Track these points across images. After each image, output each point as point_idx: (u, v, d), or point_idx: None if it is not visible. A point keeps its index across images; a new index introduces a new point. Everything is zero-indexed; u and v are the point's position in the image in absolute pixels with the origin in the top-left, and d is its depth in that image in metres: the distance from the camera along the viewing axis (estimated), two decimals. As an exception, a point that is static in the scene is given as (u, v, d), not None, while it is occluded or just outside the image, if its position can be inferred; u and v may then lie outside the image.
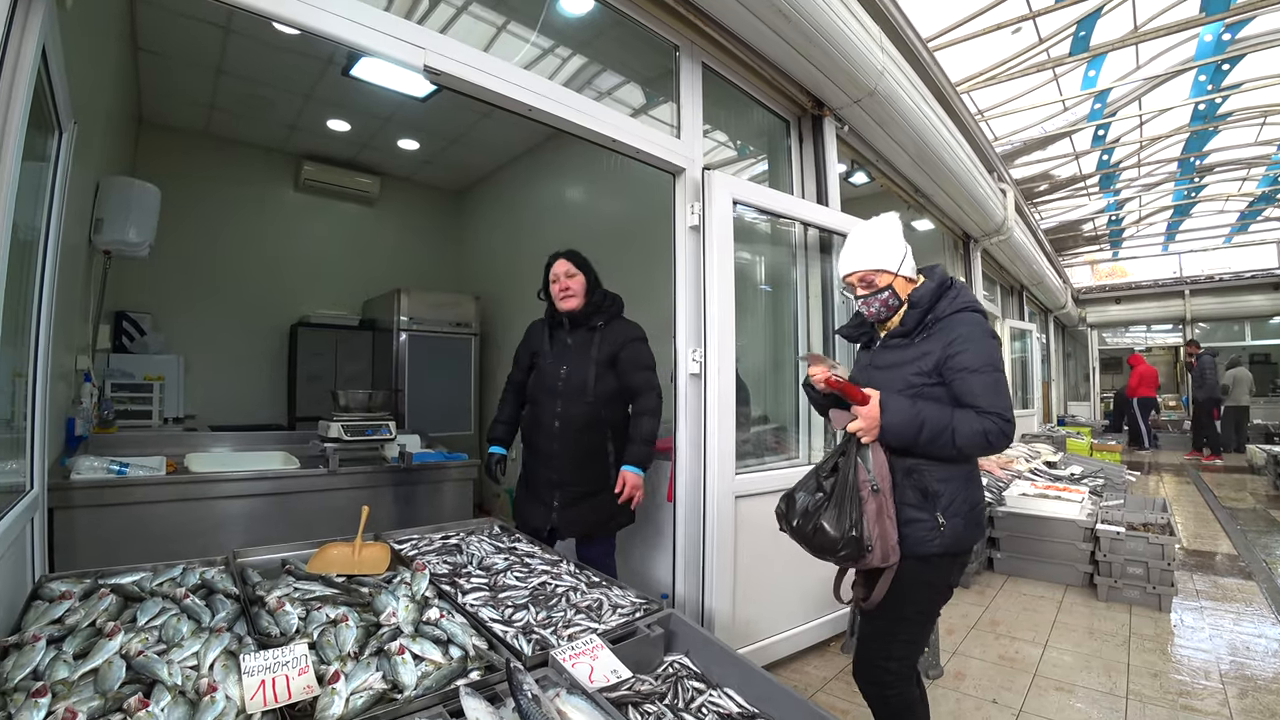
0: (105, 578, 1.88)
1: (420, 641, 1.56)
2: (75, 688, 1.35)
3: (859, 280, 2.01)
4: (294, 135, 6.07)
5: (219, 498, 2.96)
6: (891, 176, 5.06)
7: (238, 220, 6.10)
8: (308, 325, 6.12)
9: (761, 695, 1.78)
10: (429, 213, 7.37)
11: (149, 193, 4.15)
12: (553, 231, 5.93)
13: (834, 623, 3.52)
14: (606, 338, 2.95)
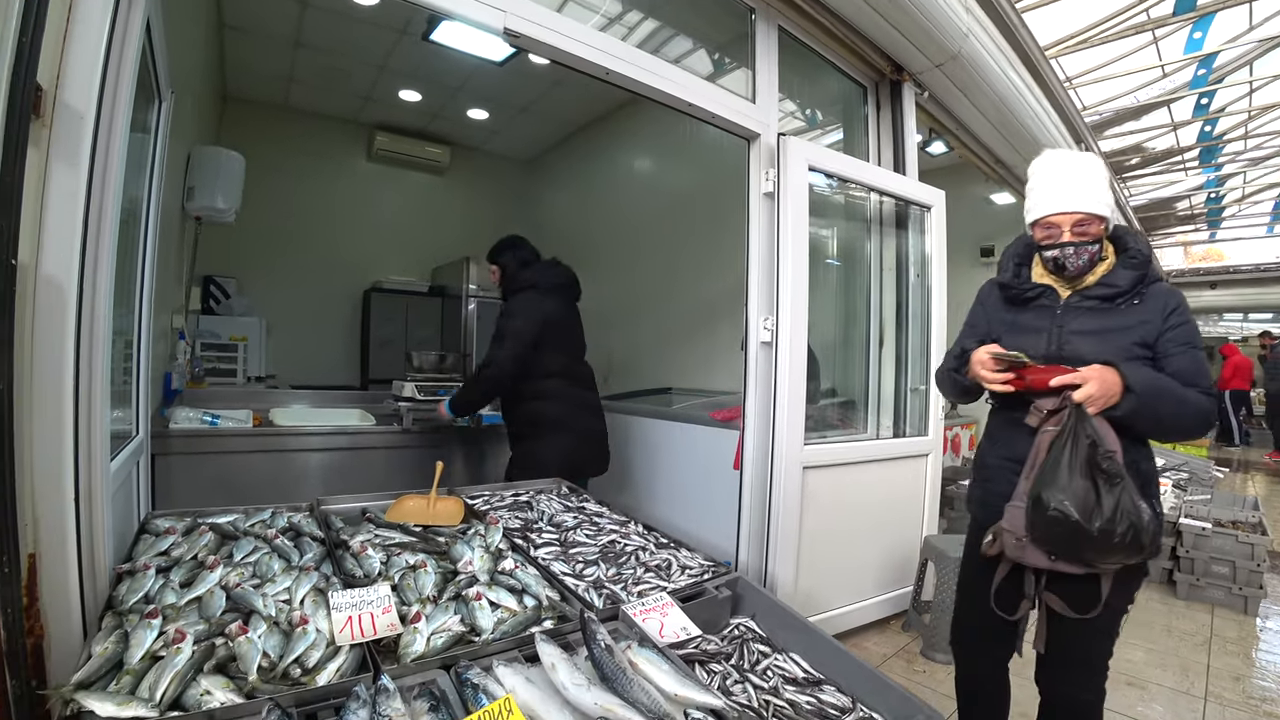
0: (203, 517, 2.00)
1: (496, 590, 1.60)
2: (182, 612, 1.44)
3: (1074, 224, 1.69)
4: (367, 106, 6.21)
5: (300, 450, 3.12)
6: (971, 146, 4.83)
7: (314, 189, 6.30)
8: (380, 291, 6.31)
9: (827, 663, 1.76)
10: (497, 182, 7.43)
11: (235, 161, 4.33)
12: (620, 201, 5.92)
13: (895, 600, 3.47)
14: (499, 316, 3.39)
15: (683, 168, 5.23)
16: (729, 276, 4.42)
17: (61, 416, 1.45)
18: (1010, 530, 1.68)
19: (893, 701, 1.60)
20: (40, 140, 1.46)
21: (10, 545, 1.30)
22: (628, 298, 5.54)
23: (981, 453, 1.95)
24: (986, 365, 1.70)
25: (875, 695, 1.64)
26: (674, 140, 5.26)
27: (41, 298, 1.44)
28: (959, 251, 3.69)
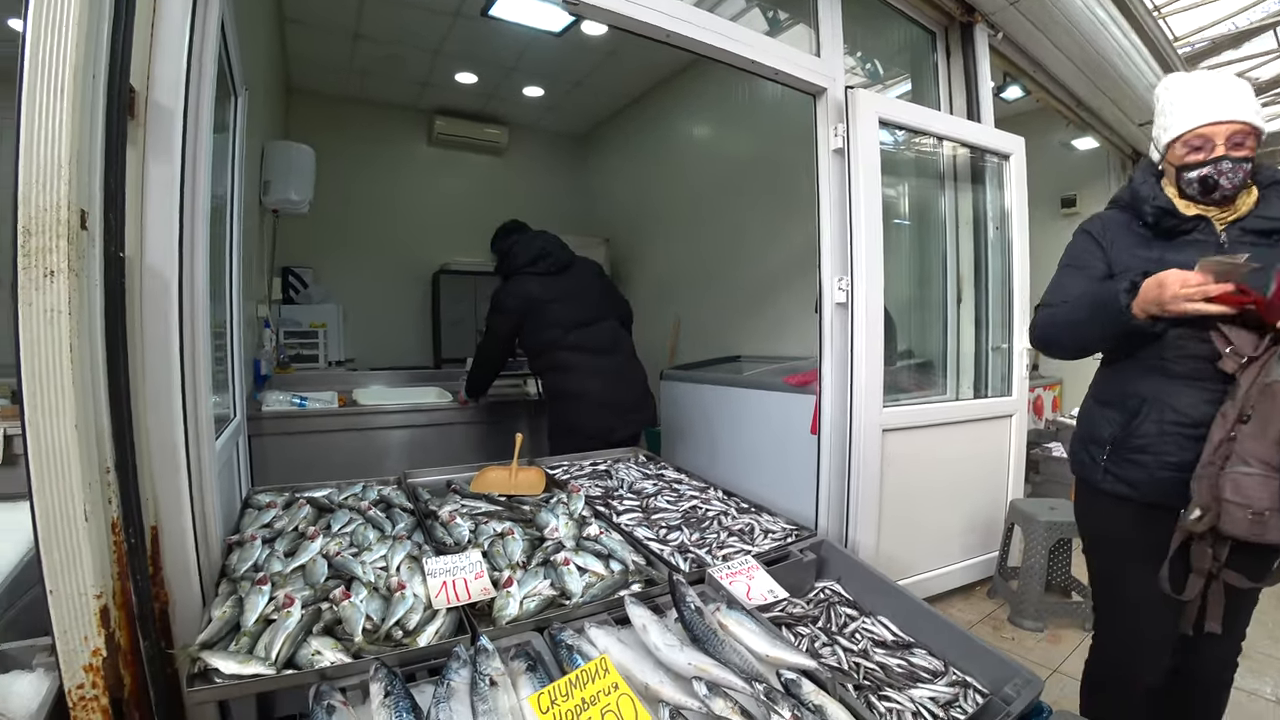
0: (299, 491, 2.11)
1: (583, 555, 1.63)
2: (289, 579, 1.53)
3: (1229, 137, 1.47)
4: (426, 91, 6.30)
5: (383, 428, 3.25)
6: (1050, 89, 4.53)
7: (379, 177, 6.46)
8: (448, 273, 6.45)
9: (917, 626, 1.73)
10: (556, 159, 7.47)
11: (305, 154, 4.48)
12: (679, 170, 5.85)
13: (981, 566, 3.37)
14: None
15: (743, 132, 5.12)
16: (796, 241, 4.32)
17: (171, 399, 1.54)
18: (1243, 503, 1.40)
19: (987, 665, 1.57)
20: (136, 139, 1.53)
21: (136, 519, 1.39)
22: (692, 267, 5.49)
23: (1119, 422, 1.65)
24: (1193, 285, 1.36)
25: (968, 659, 1.60)
26: (733, 104, 5.14)
27: (147, 288, 1.53)
28: (1038, 204, 3.49)
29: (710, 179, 5.39)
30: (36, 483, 1.23)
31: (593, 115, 7.04)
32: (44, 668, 1.36)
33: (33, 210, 1.22)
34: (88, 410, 1.28)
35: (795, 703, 1.22)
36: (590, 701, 1.09)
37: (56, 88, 1.24)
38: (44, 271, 1.22)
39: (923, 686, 1.54)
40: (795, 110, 3.53)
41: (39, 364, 1.22)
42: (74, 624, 1.27)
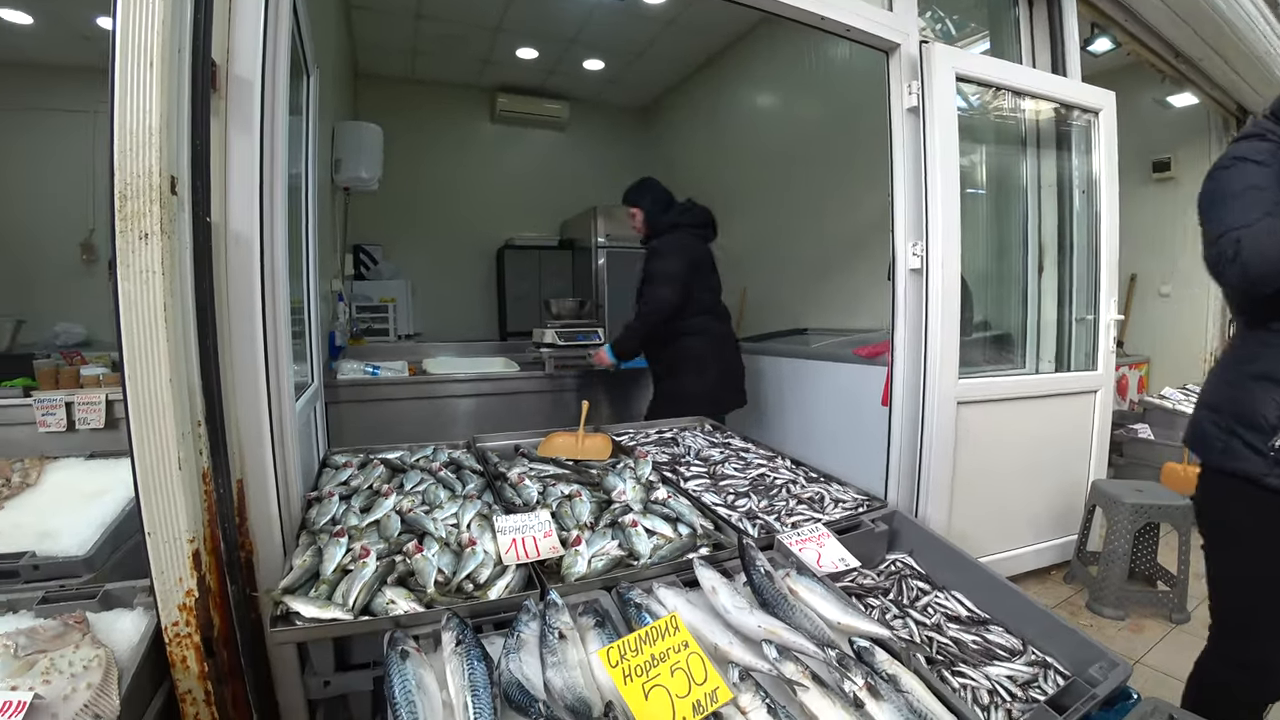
0: (373, 453, 2.18)
1: (650, 518, 1.63)
2: (364, 533, 1.58)
3: None
4: (487, 69, 6.37)
5: (452, 396, 3.35)
6: (1144, 40, 4.17)
7: (444, 156, 6.60)
8: (513, 248, 6.55)
9: (993, 604, 1.67)
10: (617, 132, 7.47)
11: (374, 132, 4.59)
12: (743, 140, 5.74)
13: (1057, 549, 3.23)
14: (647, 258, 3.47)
15: (808, 98, 4.97)
16: (865, 210, 4.19)
17: (255, 358, 1.61)
18: None
19: (1070, 647, 1.50)
20: (219, 110, 1.59)
21: (224, 470, 1.46)
22: (756, 239, 5.39)
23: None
24: None
25: (1049, 639, 1.54)
26: (797, 69, 5.00)
27: (232, 252, 1.59)
28: (1127, 169, 3.26)
29: (775, 148, 5.27)
30: (135, 433, 1.30)
31: (654, 87, 6.98)
32: (143, 607, 1.45)
33: (127, 175, 1.28)
34: (180, 366, 1.34)
35: (868, 670, 1.19)
36: (660, 658, 1.08)
37: (146, 61, 1.29)
38: (139, 234, 1.28)
39: (999, 664, 1.48)
40: (864, 72, 3.39)
41: (136, 322, 1.28)
42: (170, 565, 1.35)
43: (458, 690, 1.07)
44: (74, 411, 2.69)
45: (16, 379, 3.03)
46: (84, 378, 2.95)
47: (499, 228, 6.73)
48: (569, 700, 1.04)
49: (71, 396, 2.73)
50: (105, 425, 2.73)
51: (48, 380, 2.94)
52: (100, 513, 1.88)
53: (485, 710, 1.02)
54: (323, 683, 1.37)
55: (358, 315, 4.82)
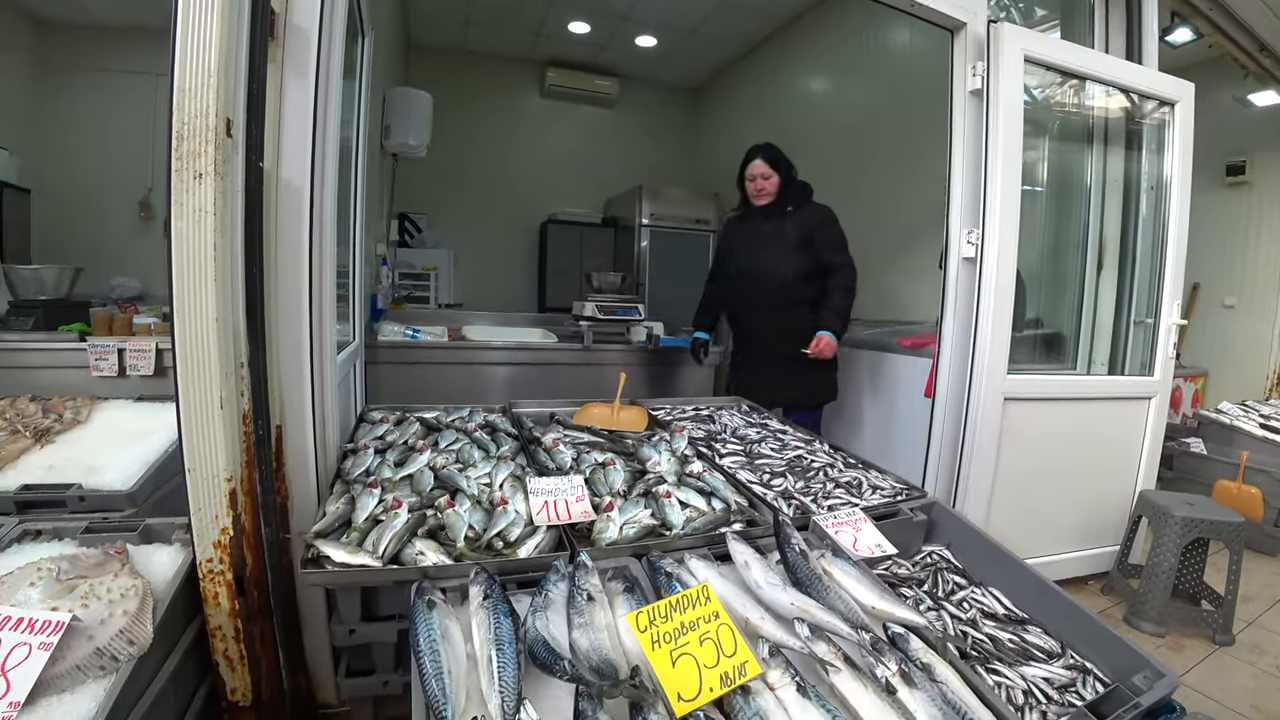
0: (410, 411, 2.19)
1: (684, 490, 1.60)
2: (397, 486, 1.59)
3: None
4: (538, 43, 6.34)
5: (489, 363, 3.38)
6: (1228, 30, 3.93)
7: (492, 128, 6.62)
8: (556, 222, 6.55)
9: (1032, 603, 1.61)
10: (667, 111, 7.39)
11: (424, 100, 4.61)
12: (794, 125, 5.61)
13: (1096, 559, 3.11)
14: (800, 220, 3.15)
15: (864, 84, 4.84)
16: (913, 202, 4.07)
17: (300, 306, 1.62)
18: None
19: (1112, 654, 1.44)
20: (275, 58, 1.60)
21: (264, 414, 1.47)
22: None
23: None
24: None
25: (1089, 644, 1.48)
26: (854, 53, 4.87)
27: (282, 199, 1.60)
28: (1199, 170, 3.08)
29: (823, 134, 5.15)
30: (181, 370, 1.32)
31: (706, 66, 6.87)
32: (180, 543, 1.48)
33: (185, 116, 1.29)
34: (226, 307, 1.35)
35: (902, 657, 1.15)
36: (689, 626, 1.06)
37: (207, 3, 1.29)
38: (194, 174, 1.29)
39: (1036, 665, 1.43)
40: (920, 58, 3.27)
41: (186, 260, 1.29)
42: (207, 502, 1.37)
43: (483, 643, 1.06)
44: (125, 358, 2.78)
45: (73, 324, 3.14)
46: (136, 326, 3.04)
47: (543, 202, 6.73)
48: (594, 661, 1.03)
49: (124, 343, 2.81)
50: (154, 373, 2.81)
51: (102, 327, 3.04)
52: (145, 451, 1.93)
53: (510, 664, 1.01)
54: (348, 631, 1.38)
55: (399, 282, 4.87)
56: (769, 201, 3.18)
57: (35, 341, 2.91)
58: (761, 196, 3.19)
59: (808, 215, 3.16)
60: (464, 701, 0.98)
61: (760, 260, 3.19)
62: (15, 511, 1.65)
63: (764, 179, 3.17)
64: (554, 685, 1.04)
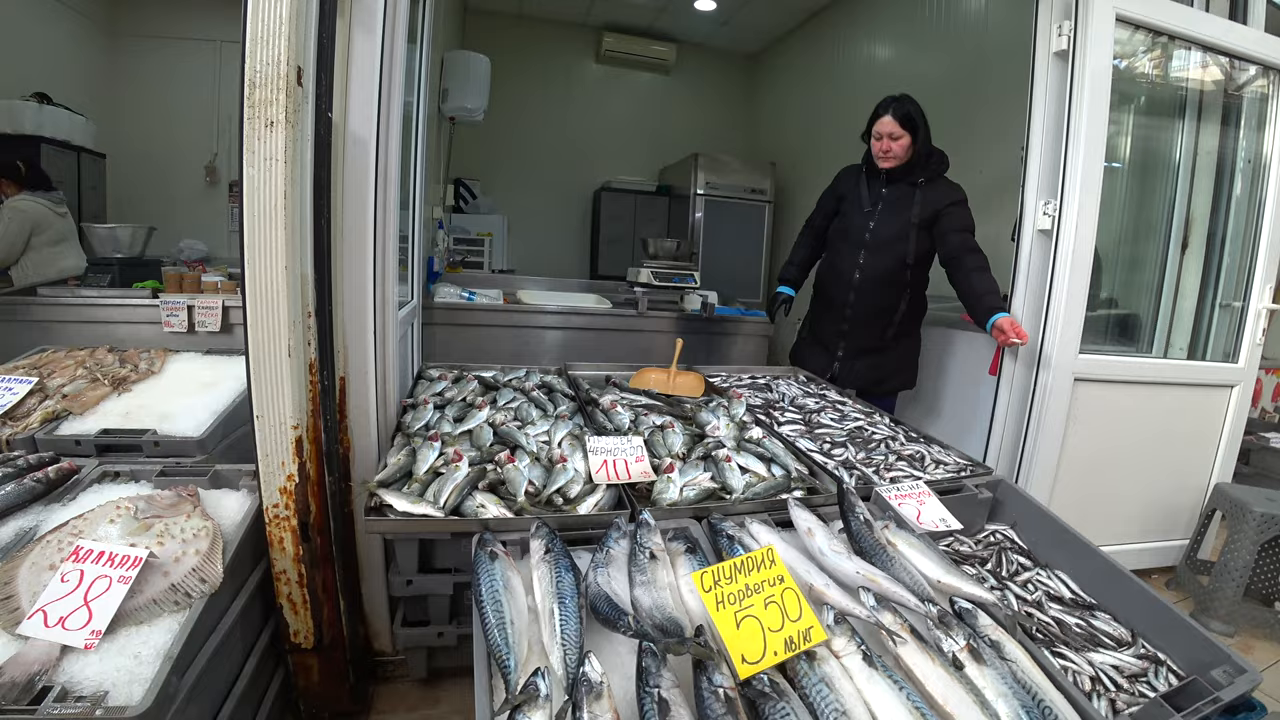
0: (467, 370, 2.20)
1: (744, 455, 1.58)
2: (457, 440, 1.60)
3: None
4: (595, 6, 6.25)
5: (544, 327, 3.40)
6: None
7: (548, 94, 6.59)
8: (609, 190, 6.51)
9: (1101, 589, 1.54)
10: (724, 79, 7.23)
11: (482, 62, 4.60)
12: (856, 93, 5.40)
13: (1164, 552, 2.98)
14: (928, 197, 2.71)
15: (933, 51, 4.63)
16: (977, 174, 3.90)
17: (364, 259, 1.63)
18: None
19: (1187, 646, 1.36)
20: (344, 10, 1.59)
21: (329, 365, 1.49)
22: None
23: None
24: None
25: (1163, 635, 1.40)
26: (915, 20, 4.67)
27: (349, 150, 1.60)
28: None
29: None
30: (251, 318, 1.34)
31: (765, 32, 6.67)
32: (247, 489, 1.53)
33: (258, 64, 1.29)
34: (295, 255, 1.36)
35: (970, 632, 1.11)
36: (754, 589, 1.04)
37: (279, -49, 1.29)
38: (265, 122, 1.30)
39: (1105, 652, 1.36)
40: (991, 24, 3.09)
41: (257, 208, 1.31)
42: (274, 449, 1.40)
43: (544, 596, 1.06)
44: (194, 314, 2.86)
45: (146, 281, 3.26)
46: (204, 284, 3.14)
47: (597, 170, 6.70)
48: (658, 619, 1.02)
49: (193, 300, 2.91)
50: (220, 329, 2.90)
51: (173, 285, 3.16)
52: (213, 401, 1.99)
53: (572, 618, 1.01)
54: (405, 581, 1.40)
55: (454, 247, 4.91)
56: (895, 165, 2.74)
57: (111, 298, 3.03)
58: (888, 159, 2.73)
59: (939, 193, 2.73)
60: (526, 652, 0.98)
61: (876, 230, 2.79)
62: (95, 454, 1.73)
63: (892, 139, 2.70)
64: (614, 641, 1.03)
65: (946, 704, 0.97)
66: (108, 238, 3.64)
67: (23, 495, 1.40)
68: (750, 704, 0.91)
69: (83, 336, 2.74)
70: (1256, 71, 2.83)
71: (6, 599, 1.11)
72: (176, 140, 5.49)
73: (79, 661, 1.02)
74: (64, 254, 3.56)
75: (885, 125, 2.70)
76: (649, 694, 0.87)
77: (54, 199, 3.59)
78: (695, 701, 0.89)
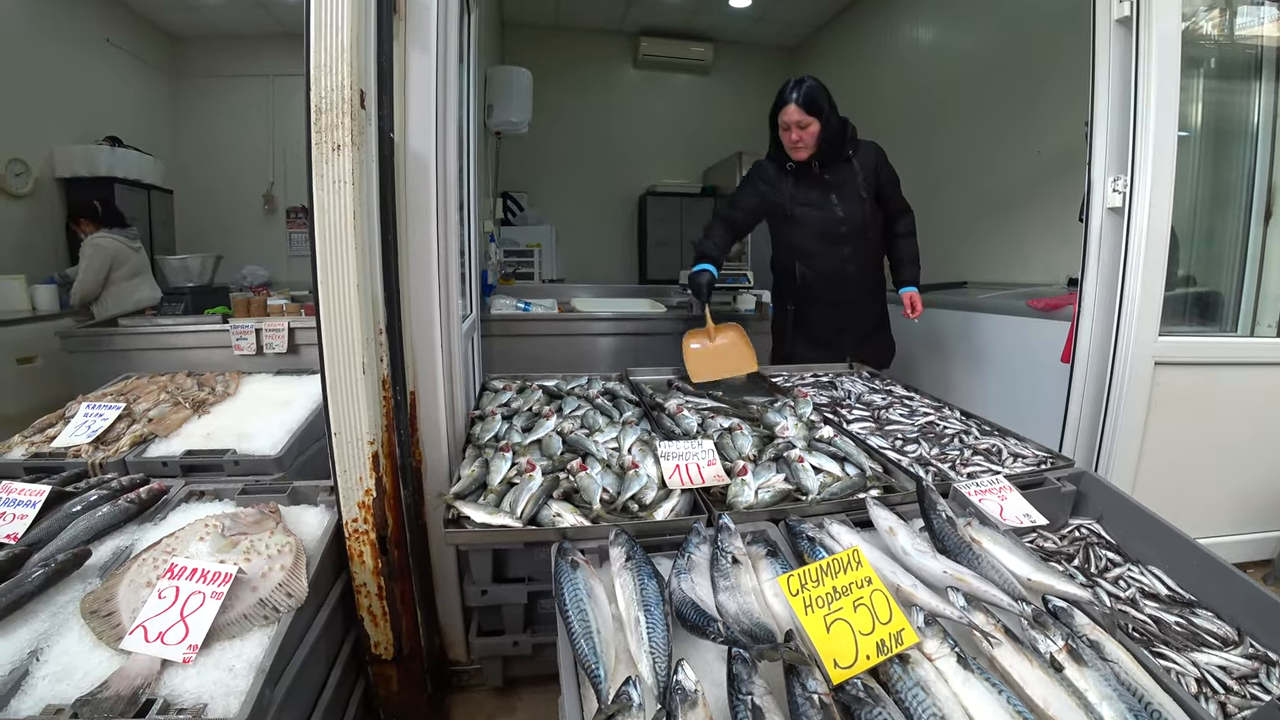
0: (529, 380, 2.23)
1: (816, 455, 1.55)
2: (528, 450, 1.61)
3: None
4: (630, 12, 6.28)
5: (600, 334, 3.43)
6: None
7: (588, 102, 6.67)
8: (654, 194, 6.56)
9: (1200, 585, 1.45)
10: (764, 76, 7.07)
11: (524, 76, 4.66)
12: (896, 80, 5.31)
13: (1260, 544, 2.80)
14: (864, 164, 2.77)
15: (969, 32, 4.50)
16: (1041, 152, 3.77)
17: (429, 275, 1.66)
18: None
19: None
20: (399, 33, 1.63)
21: (401, 380, 1.53)
22: (909, 188, 5.03)
23: None
24: None
25: (1273, 633, 1.31)
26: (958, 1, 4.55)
27: (411, 170, 1.64)
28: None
29: (933, 88, 4.83)
30: (326, 337, 1.37)
31: (803, 25, 6.62)
32: (325, 505, 1.56)
33: (323, 90, 1.33)
34: (366, 274, 1.40)
35: (1068, 632, 1.06)
36: (842, 591, 1.01)
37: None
38: (332, 146, 1.33)
39: (1209, 652, 1.29)
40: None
41: (328, 229, 1.34)
42: (352, 465, 1.43)
43: (628, 603, 1.05)
44: (262, 337, 2.96)
45: (216, 308, 3.41)
46: (270, 308, 3.26)
47: (641, 175, 6.75)
48: (745, 625, 1.00)
49: (260, 324, 3.01)
50: (287, 350, 2.99)
51: (241, 309, 3.29)
52: (287, 419, 2.06)
53: (659, 625, 1.00)
54: (480, 591, 1.42)
55: (505, 260, 4.99)
56: (806, 156, 2.68)
57: (185, 325, 3.17)
58: (800, 149, 2.66)
59: (868, 156, 2.79)
60: (614, 661, 0.98)
61: (847, 219, 2.76)
62: (181, 474, 1.80)
63: (800, 128, 2.62)
64: (700, 648, 1.02)
65: (1049, 708, 0.93)
66: (180, 268, 3.82)
67: (118, 516, 1.46)
68: (845, 709, 0.88)
69: (161, 363, 2.87)
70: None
71: (109, 615, 1.16)
72: (235, 172, 5.75)
73: (178, 675, 1.06)
74: (140, 286, 3.75)
75: (791, 114, 2.61)
76: (742, 701, 0.86)
77: (129, 235, 3.79)
78: (789, 708, 0.87)
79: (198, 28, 5.52)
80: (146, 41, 5.31)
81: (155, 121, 5.43)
